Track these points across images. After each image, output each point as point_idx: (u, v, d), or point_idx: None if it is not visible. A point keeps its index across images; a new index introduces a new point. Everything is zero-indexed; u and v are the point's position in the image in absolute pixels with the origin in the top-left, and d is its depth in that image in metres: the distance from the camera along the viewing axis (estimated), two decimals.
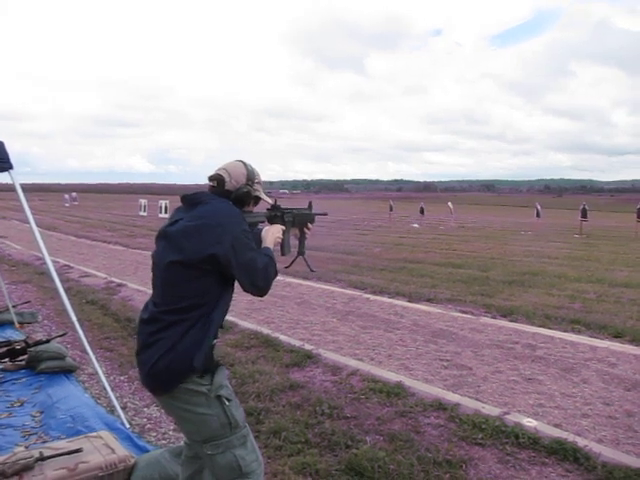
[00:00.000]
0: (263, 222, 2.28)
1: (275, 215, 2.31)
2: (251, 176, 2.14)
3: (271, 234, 2.21)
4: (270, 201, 2.28)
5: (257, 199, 2.21)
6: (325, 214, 2.89)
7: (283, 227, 2.29)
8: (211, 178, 2.11)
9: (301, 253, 2.46)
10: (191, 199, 2.07)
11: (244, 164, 2.15)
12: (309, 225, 2.45)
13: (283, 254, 2.35)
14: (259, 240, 2.19)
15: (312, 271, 2.65)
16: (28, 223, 3.65)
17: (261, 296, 2.03)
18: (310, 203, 2.48)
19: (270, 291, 2.05)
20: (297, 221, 2.40)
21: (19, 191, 3.56)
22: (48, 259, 3.63)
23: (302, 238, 2.45)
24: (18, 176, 3.65)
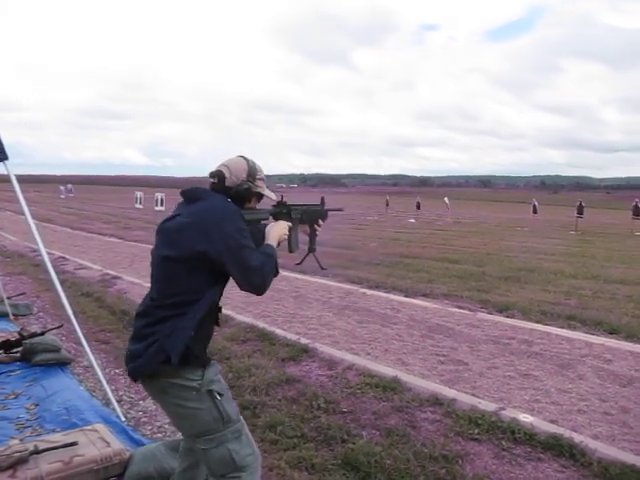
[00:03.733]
0: (267, 219, 2.24)
1: (281, 212, 2.27)
2: (252, 172, 2.10)
3: (275, 231, 2.17)
4: (274, 197, 2.24)
5: (259, 195, 2.18)
6: (340, 210, 2.83)
7: (289, 224, 2.25)
8: (212, 174, 2.09)
9: (311, 250, 2.41)
10: (190, 195, 2.06)
11: (245, 160, 2.12)
12: (320, 222, 2.40)
13: (291, 251, 2.32)
14: (263, 237, 2.16)
15: (322, 269, 2.61)
16: (23, 214, 3.62)
17: (258, 294, 1.99)
18: (322, 199, 2.43)
19: None
20: (306, 217, 2.35)
21: (14, 182, 3.53)
22: (43, 251, 3.60)
23: (312, 235, 2.41)
24: (12, 167, 3.61)
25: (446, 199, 31.20)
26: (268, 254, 2.02)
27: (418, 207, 30.53)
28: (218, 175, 2.07)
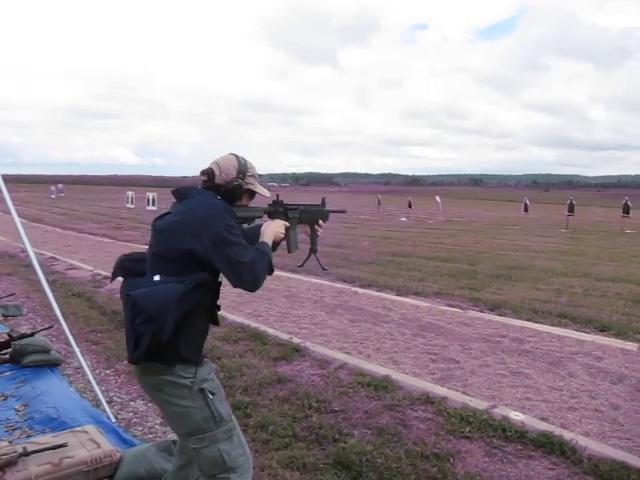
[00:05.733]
0: (260, 217, 2.22)
1: (277, 210, 2.25)
2: (242, 169, 2.10)
3: (270, 229, 2.16)
4: (267, 194, 2.23)
5: (251, 193, 2.17)
6: (343, 211, 2.79)
7: (286, 223, 2.23)
8: (202, 172, 2.10)
9: (313, 251, 2.40)
10: (179, 193, 2.07)
11: (236, 157, 2.12)
12: (320, 222, 2.38)
13: (289, 251, 2.30)
14: (258, 235, 2.15)
15: (324, 269, 2.59)
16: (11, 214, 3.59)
17: (251, 291, 1.98)
18: (323, 199, 2.42)
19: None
20: (305, 218, 2.33)
21: (0, 181, 3.49)
22: (30, 250, 3.57)
23: (313, 235, 2.39)
24: (2, 167, 3.58)
25: (438, 198, 31.25)
26: (261, 251, 2.01)
27: (410, 206, 30.57)
28: (208, 173, 2.08)
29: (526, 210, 26.49)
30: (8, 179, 3.59)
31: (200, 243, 1.88)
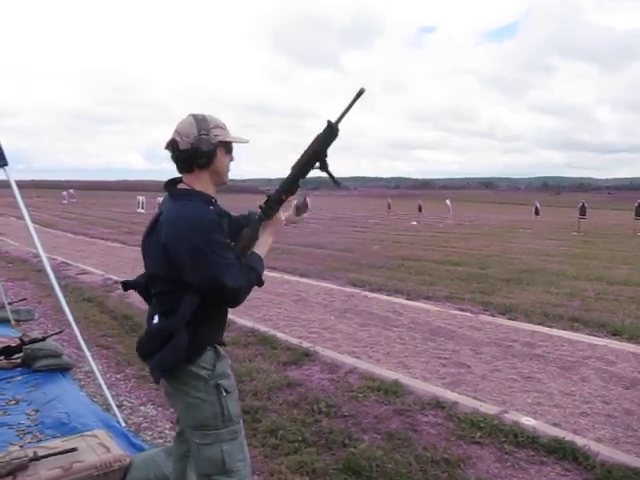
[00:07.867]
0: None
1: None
2: (203, 125, 1.90)
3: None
4: (245, 140, 2.03)
5: (226, 145, 1.97)
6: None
7: (281, 217, 2.08)
8: (166, 146, 1.95)
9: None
10: (169, 191, 1.99)
11: (193, 115, 1.94)
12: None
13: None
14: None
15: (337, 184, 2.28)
16: (24, 220, 3.62)
17: (231, 307, 1.98)
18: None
19: (268, 289, 2.01)
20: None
21: (14, 187, 3.53)
22: (43, 255, 3.60)
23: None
24: (13, 173, 3.61)
25: (448, 201, 31.14)
26: (249, 266, 1.93)
27: (420, 210, 30.49)
28: (171, 144, 1.93)
29: (537, 213, 26.32)
30: (21, 185, 3.63)
31: (180, 258, 1.81)
